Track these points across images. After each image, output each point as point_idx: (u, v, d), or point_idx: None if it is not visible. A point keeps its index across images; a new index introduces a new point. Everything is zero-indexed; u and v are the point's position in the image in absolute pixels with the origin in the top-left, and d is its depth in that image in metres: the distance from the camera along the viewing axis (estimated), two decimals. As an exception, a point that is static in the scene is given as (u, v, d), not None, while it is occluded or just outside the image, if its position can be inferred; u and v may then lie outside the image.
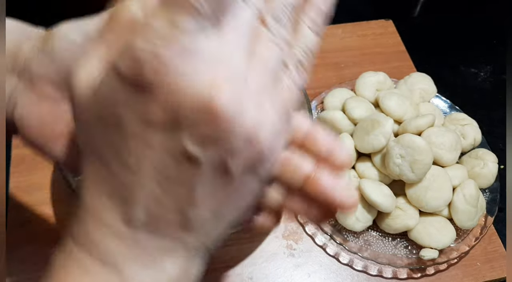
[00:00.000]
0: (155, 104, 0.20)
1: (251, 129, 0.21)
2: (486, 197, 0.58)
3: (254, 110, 0.21)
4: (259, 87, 0.21)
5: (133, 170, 0.21)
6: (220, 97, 0.19)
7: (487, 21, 0.80)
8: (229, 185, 0.22)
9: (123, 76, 0.20)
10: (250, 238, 0.55)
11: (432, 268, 0.53)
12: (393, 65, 0.71)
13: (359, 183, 0.53)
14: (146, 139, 0.21)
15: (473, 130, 0.59)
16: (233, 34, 0.21)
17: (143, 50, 0.19)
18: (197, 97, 0.19)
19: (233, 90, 0.20)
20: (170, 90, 0.19)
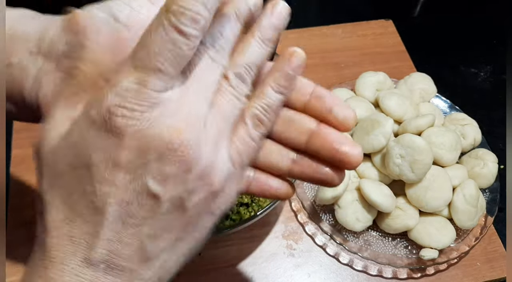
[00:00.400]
0: (123, 147, 0.23)
1: (205, 168, 0.24)
2: (486, 197, 0.58)
3: (210, 152, 0.24)
4: (216, 133, 0.24)
5: (99, 210, 0.23)
6: (181, 140, 0.23)
7: (487, 21, 0.80)
8: (184, 219, 0.24)
9: (96, 124, 0.23)
10: (250, 238, 0.55)
11: (432, 268, 0.53)
12: (393, 65, 0.71)
13: (359, 183, 0.53)
14: (113, 179, 0.23)
15: (473, 130, 0.59)
16: (196, 86, 0.24)
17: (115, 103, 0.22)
18: (160, 140, 0.22)
19: (192, 133, 0.23)
20: (137, 134, 0.22)
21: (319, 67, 0.70)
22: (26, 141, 0.59)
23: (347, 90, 0.62)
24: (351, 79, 0.65)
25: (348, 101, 0.59)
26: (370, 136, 0.53)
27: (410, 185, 0.52)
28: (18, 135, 0.60)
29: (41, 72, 0.28)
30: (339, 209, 0.53)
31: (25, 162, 0.57)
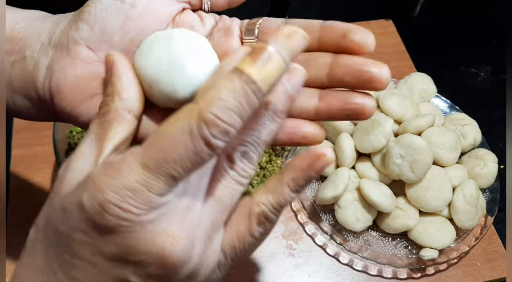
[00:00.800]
0: (110, 243, 0.22)
1: (194, 267, 0.23)
2: (486, 197, 0.58)
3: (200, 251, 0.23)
4: (210, 227, 0.23)
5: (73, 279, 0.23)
6: (173, 249, 0.21)
7: (487, 21, 0.80)
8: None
9: (87, 214, 0.21)
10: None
11: (432, 268, 0.53)
12: (393, 65, 0.71)
13: (359, 183, 0.53)
14: (94, 261, 0.22)
15: (473, 130, 0.59)
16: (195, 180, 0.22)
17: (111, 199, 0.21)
18: (151, 245, 0.21)
19: (186, 240, 0.22)
20: (128, 236, 0.21)
21: (319, 67, 0.70)
22: (26, 141, 0.59)
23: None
24: (351, 79, 0.65)
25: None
26: (370, 137, 0.53)
27: (410, 185, 0.52)
28: (18, 135, 0.59)
29: (52, 62, 0.28)
30: (339, 209, 0.53)
31: (25, 162, 0.57)
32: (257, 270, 0.53)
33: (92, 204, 0.21)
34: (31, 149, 0.58)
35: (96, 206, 0.21)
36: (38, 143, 0.58)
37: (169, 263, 0.22)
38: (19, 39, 0.29)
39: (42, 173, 0.57)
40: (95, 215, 0.21)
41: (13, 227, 0.52)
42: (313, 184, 0.58)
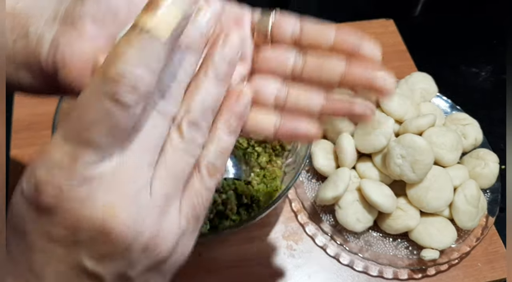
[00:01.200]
0: (54, 224, 0.21)
1: (149, 240, 0.22)
2: (487, 197, 0.57)
3: (154, 223, 0.22)
4: (163, 198, 0.23)
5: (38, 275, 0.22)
6: (114, 220, 0.21)
7: (487, 21, 0.79)
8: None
9: (27, 198, 0.21)
10: (250, 238, 0.54)
11: (433, 268, 0.53)
12: (394, 64, 0.71)
13: (359, 183, 0.53)
14: (49, 252, 0.22)
15: (474, 130, 0.59)
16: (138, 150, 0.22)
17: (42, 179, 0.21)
18: (92, 221, 0.21)
19: (129, 211, 0.21)
20: (67, 214, 0.21)
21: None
22: (25, 141, 0.59)
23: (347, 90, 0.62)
24: (351, 79, 0.65)
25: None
26: (371, 137, 0.53)
27: (411, 185, 0.52)
28: (17, 135, 0.59)
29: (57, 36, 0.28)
30: (339, 210, 0.52)
31: (24, 162, 0.57)
32: (257, 270, 0.53)
33: (29, 188, 0.21)
34: (30, 149, 0.58)
35: (32, 189, 0.21)
36: (37, 143, 0.58)
37: (114, 237, 0.21)
38: (21, 17, 0.29)
39: (41, 173, 0.56)
40: (33, 198, 0.21)
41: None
42: (314, 184, 0.58)
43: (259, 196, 0.52)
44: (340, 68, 0.28)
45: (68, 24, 0.28)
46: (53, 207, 0.21)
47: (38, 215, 0.22)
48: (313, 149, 0.57)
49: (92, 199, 0.21)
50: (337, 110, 0.28)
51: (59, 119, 0.48)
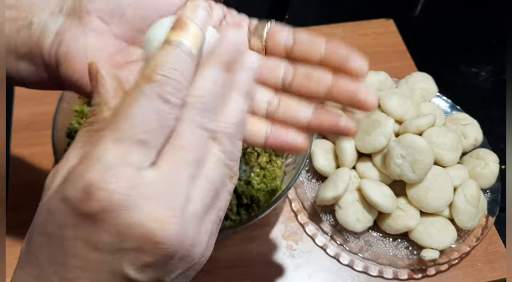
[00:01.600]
0: (101, 231, 0.21)
1: (188, 249, 0.23)
2: (487, 197, 0.57)
3: (192, 233, 0.23)
4: (204, 206, 0.23)
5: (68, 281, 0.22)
6: (161, 233, 0.21)
7: (487, 21, 0.79)
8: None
9: (72, 204, 0.21)
10: (250, 238, 0.54)
11: (433, 268, 0.53)
12: (394, 64, 0.71)
13: (359, 183, 0.53)
14: (89, 260, 0.22)
15: (474, 130, 0.59)
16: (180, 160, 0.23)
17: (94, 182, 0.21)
18: (140, 231, 0.21)
19: (176, 224, 0.22)
20: (116, 221, 0.21)
21: (319, 67, 0.69)
22: (25, 140, 0.59)
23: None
24: (351, 79, 0.65)
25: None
26: (371, 136, 0.53)
27: (411, 185, 0.52)
28: (17, 135, 0.59)
29: (62, 29, 0.28)
30: (339, 210, 0.52)
31: (25, 162, 0.57)
32: (257, 270, 0.53)
33: (75, 193, 0.21)
34: (30, 149, 0.58)
35: (80, 193, 0.21)
36: (37, 143, 0.58)
37: (160, 248, 0.21)
38: (25, 7, 0.29)
39: (42, 172, 0.56)
40: (80, 202, 0.21)
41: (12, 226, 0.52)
42: (314, 184, 0.58)
43: (259, 196, 0.52)
44: (327, 81, 0.28)
45: (74, 18, 0.28)
46: (101, 213, 0.21)
47: (82, 220, 0.21)
48: (313, 149, 0.57)
49: (142, 208, 0.21)
50: (323, 123, 0.29)
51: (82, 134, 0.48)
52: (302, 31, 0.30)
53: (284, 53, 0.30)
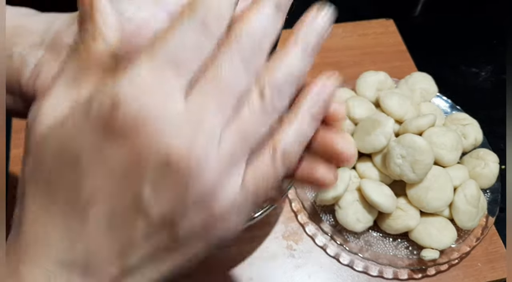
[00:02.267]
0: (121, 151, 0.20)
1: (206, 191, 0.21)
2: (487, 197, 0.57)
3: (216, 173, 0.21)
4: (230, 153, 0.21)
5: (83, 206, 0.21)
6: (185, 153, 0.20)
7: (487, 21, 0.79)
8: (173, 243, 0.22)
9: (96, 118, 0.20)
10: (250, 238, 0.54)
11: (433, 268, 0.53)
12: (394, 64, 0.71)
13: (359, 183, 0.53)
14: (103, 182, 0.21)
15: (474, 130, 0.59)
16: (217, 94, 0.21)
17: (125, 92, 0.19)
18: (164, 148, 0.20)
19: (201, 147, 0.20)
20: (139, 137, 0.20)
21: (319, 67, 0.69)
22: (25, 140, 0.59)
23: (347, 90, 0.62)
24: (351, 79, 0.65)
25: (349, 101, 0.59)
26: (371, 136, 0.53)
27: (411, 185, 0.52)
28: (17, 135, 0.59)
29: (41, 62, 0.28)
30: (339, 210, 0.52)
31: (24, 162, 0.57)
32: (257, 271, 0.53)
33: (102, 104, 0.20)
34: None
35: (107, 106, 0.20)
36: (37, 143, 0.58)
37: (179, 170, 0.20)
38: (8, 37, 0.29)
39: (41, 173, 0.56)
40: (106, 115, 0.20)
41: (12, 227, 0.52)
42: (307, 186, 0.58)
43: (259, 196, 0.52)
44: None
45: (53, 53, 0.28)
46: (124, 127, 0.20)
47: (104, 137, 0.20)
48: (313, 149, 0.57)
49: (169, 125, 0.20)
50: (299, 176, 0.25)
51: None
52: None
53: None
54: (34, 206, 0.22)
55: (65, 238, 0.21)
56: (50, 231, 0.22)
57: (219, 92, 0.21)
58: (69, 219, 0.21)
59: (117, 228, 0.21)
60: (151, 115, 0.20)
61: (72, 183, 0.21)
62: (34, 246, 0.22)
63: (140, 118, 0.20)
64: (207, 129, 0.20)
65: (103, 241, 0.21)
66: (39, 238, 0.22)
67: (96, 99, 0.20)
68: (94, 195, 0.21)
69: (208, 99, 0.21)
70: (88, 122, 0.20)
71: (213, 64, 0.21)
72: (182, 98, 0.20)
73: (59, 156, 0.21)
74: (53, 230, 0.22)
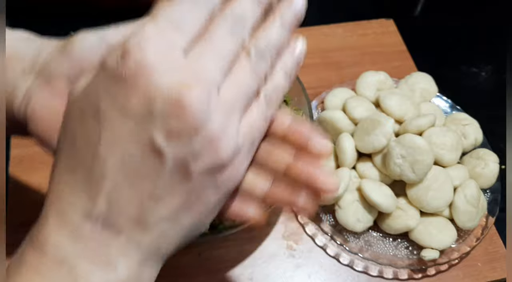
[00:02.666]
0: (132, 95, 0.22)
1: (215, 134, 0.23)
2: (487, 197, 0.57)
3: (220, 118, 0.23)
4: (230, 101, 0.24)
5: (102, 159, 0.23)
6: (190, 95, 0.22)
7: (487, 20, 0.79)
8: (188, 185, 0.24)
9: (108, 68, 0.23)
10: (250, 238, 0.54)
11: (433, 268, 0.53)
12: (394, 64, 0.71)
13: (359, 183, 0.53)
14: (119, 129, 0.23)
15: (474, 130, 0.59)
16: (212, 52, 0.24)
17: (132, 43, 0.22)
18: (169, 92, 0.22)
19: (203, 93, 0.22)
20: (147, 84, 0.22)
21: (319, 67, 0.70)
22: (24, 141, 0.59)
23: (347, 90, 0.62)
24: (351, 79, 0.65)
25: (349, 101, 0.59)
26: (371, 136, 0.53)
27: (411, 185, 0.52)
28: (17, 135, 0.59)
29: (31, 89, 0.29)
30: (339, 210, 0.52)
31: (23, 162, 0.57)
32: (257, 271, 0.53)
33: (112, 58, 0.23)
34: (30, 149, 0.58)
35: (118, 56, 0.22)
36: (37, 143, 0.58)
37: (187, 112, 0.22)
38: None
39: (41, 173, 0.56)
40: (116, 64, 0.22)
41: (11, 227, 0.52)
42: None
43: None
44: (286, 160, 0.28)
45: (43, 80, 0.28)
46: (133, 74, 0.22)
47: (116, 85, 0.22)
48: (313, 149, 0.57)
49: (172, 74, 0.22)
50: (279, 200, 0.28)
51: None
52: None
53: None
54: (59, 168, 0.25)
55: (88, 191, 0.23)
56: (74, 186, 0.24)
57: (214, 51, 0.24)
58: (90, 173, 0.23)
59: (134, 176, 0.23)
60: (156, 60, 0.22)
61: (93, 136, 0.23)
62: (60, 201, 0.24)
63: (145, 64, 0.22)
64: (208, 77, 0.23)
65: (122, 192, 0.23)
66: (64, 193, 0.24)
67: (110, 55, 0.23)
68: (113, 144, 0.23)
69: (206, 55, 0.23)
70: (104, 75, 0.23)
71: (208, 30, 0.24)
72: (182, 52, 0.23)
73: (81, 114, 0.24)
74: (77, 184, 0.24)
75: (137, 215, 0.24)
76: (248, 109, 0.25)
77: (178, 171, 0.23)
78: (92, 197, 0.23)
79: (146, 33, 0.22)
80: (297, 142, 0.28)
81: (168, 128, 0.22)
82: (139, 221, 0.24)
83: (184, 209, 0.24)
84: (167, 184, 0.23)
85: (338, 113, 0.58)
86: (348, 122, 0.57)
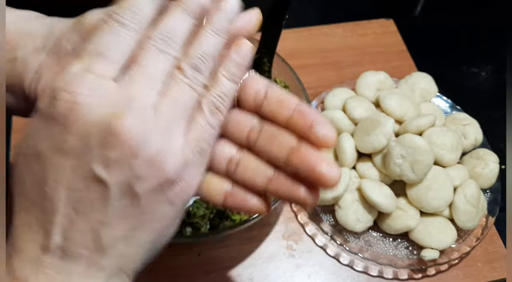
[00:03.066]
0: (67, 134, 0.23)
1: (154, 155, 0.24)
2: (487, 197, 0.57)
3: (159, 138, 0.24)
4: (168, 120, 0.24)
5: (50, 197, 0.24)
6: (121, 124, 0.23)
7: (488, 20, 0.79)
8: (138, 207, 0.24)
9: (42, 112, 0.24)
10: (250, 238, 0.54)
11: (433, 268, 0.53)
12: (394, 64, 0.71)
13: (359, 183, 0.53)
14: (61, 167, 0.24)
15: (474, 130, 0.59)
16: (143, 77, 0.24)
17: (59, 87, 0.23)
18: (101, 125, 0.23)
19: (134, 119, 0.23)
20: (80, 120, 0.23)
21: (319, 67, 0.69)
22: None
23: (347, 90, 0.62)
24: (351, 79, 0.65)
25: (349, 101, 0.59)
26: (371, 136, 0.53)
27: (411, 185, 0.52)
28: (17, 135, 0.59)
29: (42, 66, 0.29)
30: (339, 210, 0.52)
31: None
32: (257, 271, 0.53)
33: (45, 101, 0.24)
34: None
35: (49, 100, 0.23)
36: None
37: (121, 140, 0.23)
38: (11, 39, 0.30)
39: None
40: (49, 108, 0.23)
41: (12, 227, 0.52)
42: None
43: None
44: (290, 145, 0.27)
45: (54, 58, 0.29)
46: (66, 114, 0.23)
47: (51, 127, 0.23)
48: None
49: (102, 107, 0.23)
50: (279, 190, 0.27)
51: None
52: (277, 87, 0.28)
53: (254, 107, 0.28)
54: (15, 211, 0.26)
55: (44, 227, 0.24)
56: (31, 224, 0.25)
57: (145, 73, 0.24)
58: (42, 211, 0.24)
59: (83, 207, 0.24)
60: (85, 95, 0.23)
61: (38, 177, 0.24)
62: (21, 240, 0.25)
63: (74, 101, 0.23)
64: (140, 100, 0.24)
65: (74, 223, 0.24)
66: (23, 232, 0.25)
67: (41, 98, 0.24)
68: (58, 181, 0.24)
69: (137, 79, 0.24)
70: (38, 118, 0.24)
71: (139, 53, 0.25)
72: (112, 81, 0.24)
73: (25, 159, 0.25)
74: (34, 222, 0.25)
75: (92, 242, 0.24)
76: (192, 122, 0.26)
77: (124, 195, 0.24)
78: (47, 232, 0.24)
79: (73, 71, 0.23)
80: (300, 126, 0.27)
81: (105, 159, 0.23)
82: (95, 246, 0.24)
83: (138, 228, 0.25)
84: (117, 208, 0.24)
85: (338, 113, 0.58)
86: (348, 122, 0.57)
